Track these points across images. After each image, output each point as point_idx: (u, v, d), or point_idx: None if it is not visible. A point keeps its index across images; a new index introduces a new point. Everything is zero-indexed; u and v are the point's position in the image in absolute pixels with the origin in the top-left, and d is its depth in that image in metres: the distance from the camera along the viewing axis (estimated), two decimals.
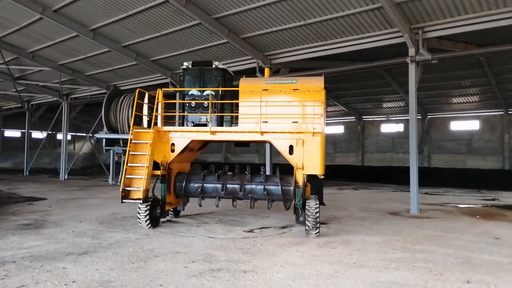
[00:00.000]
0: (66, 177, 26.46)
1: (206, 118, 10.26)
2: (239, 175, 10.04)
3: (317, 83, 9.35)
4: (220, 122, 10.45)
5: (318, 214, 8.53)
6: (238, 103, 9.86)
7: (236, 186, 9.73)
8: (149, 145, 9.31)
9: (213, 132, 9.66)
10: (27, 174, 30.18)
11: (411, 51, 12.53)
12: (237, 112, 9.92)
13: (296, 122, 9.18)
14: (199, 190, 9.97)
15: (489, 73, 20.82)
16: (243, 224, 9.99)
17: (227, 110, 11.05)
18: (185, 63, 10.77)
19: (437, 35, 12.40)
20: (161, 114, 9.99)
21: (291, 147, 9.05)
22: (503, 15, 11.12)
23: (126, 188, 8.98)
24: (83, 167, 41.91)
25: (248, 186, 9.63)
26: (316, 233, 8.56)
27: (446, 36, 12.81)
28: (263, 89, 9.47)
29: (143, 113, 11.36)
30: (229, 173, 10.28)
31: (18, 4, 14.35)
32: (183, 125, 10.77)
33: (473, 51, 13.65)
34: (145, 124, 11.48)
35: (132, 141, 9.51)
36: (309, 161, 8.91)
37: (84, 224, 9.69)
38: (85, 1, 13.97)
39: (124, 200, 8.92)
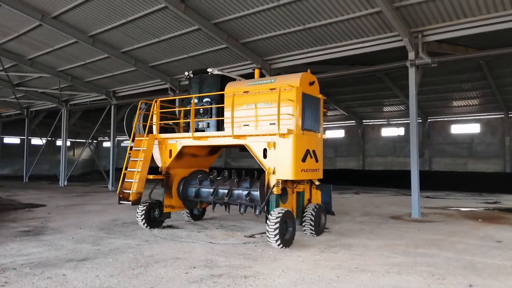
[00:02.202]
0: (65, 183, 26.40)
1: (203, 124, 10.28)
2: (230, 180, 9.98)
3: (292, 80, 8.71)
4: (218, 127, 10.39)
5: (278, 225, 7.70)
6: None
7: (225, 191, 9.72)
8: (141, 151, 9.77)
9: (195, 137, 9.67)
10: (27, 180, 30.14)
11: (411, 55, 12.54)
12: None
13: (274, 123, 8.61)
14: (193, 194, 10.30)
15: (489, 76, 20.80)
16: (244, 230, 9.96)
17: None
18: (186, 73, 10.86)
19: (436, 38, 12.40)
20: (157, 123, 10.30)
21: (265, 151, 8.67)
22: (503, 19, 11.14)
23: (123, 190, 9.56)
24: (83, 173, 41.91)
25: (235, 191, 9.56)
26: (278, 245, 7.78)
27: (446, 40, 12.82)
28: (244, 91, 9.24)
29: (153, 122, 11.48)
30: (218, 178, 10.22)
31: (18, 12, 14.36)
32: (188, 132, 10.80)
33: (473, 55, 13.63)
34: (154, 132, 11.61)
35: (133, 148, 10.03)
36: (280, 165, 8.41)
37: (84, 231, 9.66)
38: (84, 7, 13.99)
39: (121, 202, 9.50)
